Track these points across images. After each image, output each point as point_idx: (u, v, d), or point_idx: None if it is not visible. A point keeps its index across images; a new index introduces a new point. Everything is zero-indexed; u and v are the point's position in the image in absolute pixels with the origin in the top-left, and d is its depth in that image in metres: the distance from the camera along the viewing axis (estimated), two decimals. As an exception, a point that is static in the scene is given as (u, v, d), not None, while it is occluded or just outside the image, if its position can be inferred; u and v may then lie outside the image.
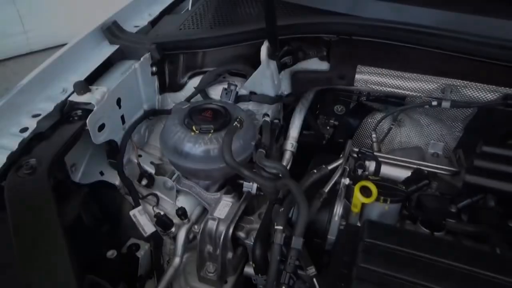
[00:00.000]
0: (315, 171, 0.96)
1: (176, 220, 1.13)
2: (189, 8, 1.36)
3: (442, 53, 1.09)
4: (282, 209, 0.88)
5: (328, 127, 1.57)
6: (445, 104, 1.21)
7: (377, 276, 0.70)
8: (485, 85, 1.15)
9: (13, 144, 0.88)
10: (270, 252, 0.93)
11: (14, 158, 0.86)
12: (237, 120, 1.04)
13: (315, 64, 1.27)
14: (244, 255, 1.10)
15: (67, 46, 1.11)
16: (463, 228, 0.88)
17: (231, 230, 1.03)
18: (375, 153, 1.10)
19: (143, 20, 1.32)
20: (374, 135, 1.35)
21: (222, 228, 1.02)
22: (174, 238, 1.12)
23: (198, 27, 1.23)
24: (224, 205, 1.09)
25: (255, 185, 1.13)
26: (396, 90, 1.26)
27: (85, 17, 1.20)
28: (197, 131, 1.03)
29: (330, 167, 0.99)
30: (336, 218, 0.91)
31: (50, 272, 0.70)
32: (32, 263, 0.70)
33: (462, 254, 0.73)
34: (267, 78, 1.12)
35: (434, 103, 1.23)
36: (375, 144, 1.33)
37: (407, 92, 1.25)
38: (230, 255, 1.06)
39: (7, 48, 4.10)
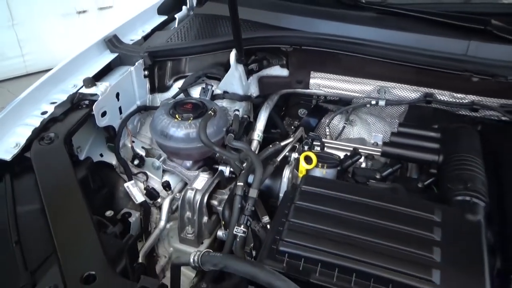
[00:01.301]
0: (270, 146, 1.24)
1: (162, 193, 1.38)
2: (176, 26, 1.66)
3: (376, 60, 1.39)
4: (243, 171, 1.14)
5: (292, 127, 1.86)
6: (381, 103, 1.52)
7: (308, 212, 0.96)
8: (409, 86, 1.46)
9: (36, 122, 1.15)
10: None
11: (37, 133, 1.12)
12: (211, 110, 1.32)
13: (277, 70, 1.58)
14: (217, 221, 1.35)
15: (77, 53, 1.39)
16: (380, 186, 1.15)
17: (205, 198, 1.28)
18: (322, 139, 1.38)
19: (137, 35, 1.61)
20: (327, 130, 1.65)
21: (198, 197, 1.27)
22: (160, 208, 1.36)
23: (182, 40, 1.52)
24: (201, 180, 1.34)
25: (228, 168, 1.40)
26: (343, 92, 1.57)
27: (79, 41, 1.45)
28: (180, 118, 1.30)
29: (282, 144, 1.27)
30: (285, 179, 1.18)
31: (70, 211, 0.94)
32: (57, 206, 0.94)
33: (369, 193, 1.00)
34: (236, 79, 1.41)
35: (373, 102, 1.53)
36: (328, 137, 1.62)
37: (351, 94, 1.56)
38: (205, 219, 1.30)
39: (5, 70, 4.40)
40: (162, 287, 0.74)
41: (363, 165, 1.40)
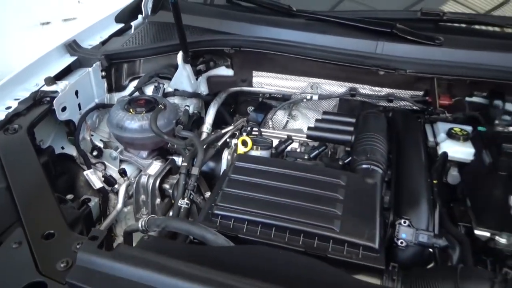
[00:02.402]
0: (212, 133, 1.43)
1: (119, 181, 1.54)
2: (132, 32, 1.84)
3: (305, 59, 1.61)
4: (187, 154, 1.33)
5: (241, 123, 2.05)
6: (315, 97, 1.75)
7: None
8: (336, 81, 1.70)
9: (1, 116, 1.29)
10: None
11: (2, 125, 1.26)
12: (162, 104, 1.50)
13: (223, 71, 1.78)
14: (169, 203, 1.51)
15: (39, 56, 1.54)
16: (304, 163, 1.36)
17: (157, 182, 1.44)
18: (259, 128, 1.59)
19: (96, 41, 1.77)
20: (270, 123, 1.86)
21: (151, 181, 1.44)
22: (117, 193, 1.52)
23: (137, 44, 1.70)
24: (154, 166, 1.51)
25: (180, 158, 1.58)
26: (282, 89, 1.79)
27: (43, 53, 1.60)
28: (133, 112, 1.47)
29: (223, 131, 1.46)
30: (224, 160, 1.37)
31: (33, 186, 1.09)
32: (21, 184, 1.08)
33: (290, 165, 1.20)
34: (185, 78, 1.60)
35: (308, 97, 1.76)
36: (270, 128, 1.83)
37: (289, 90, 1.78)
38: (158, 201, 1.47)
39: None
40: (109, 235, 0.90)
41: (298, 150, 1.61)
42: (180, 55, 1.53)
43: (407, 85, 1.61)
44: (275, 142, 1.50)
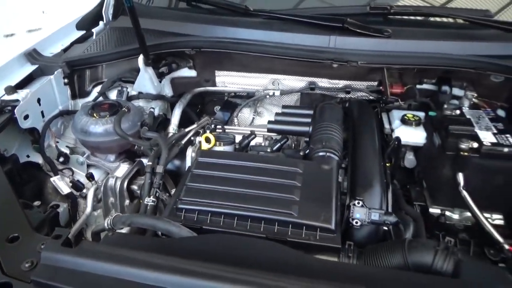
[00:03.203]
0: (176, 132, 1.47)
1: (87, 185, 1.55)
2: (93, 38, 1.86)
3: (264, 56, 1.67)
4: (152, 153, 1.36)
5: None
6: (277, 93, 1.81)
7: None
8: (296, 76, 1.76)
9: (-38, 127, 1.29)
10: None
11: (-38, 135, 1.27)
12: (125, 107, 1.52)
13: (186, 72, 1.82)
14: (138, 205, 1.53)
15: (-1, 65, 1.54)
16: (266, 155, 1.42)
17: (125, 183, 1.46)
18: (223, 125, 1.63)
19: (57, 49, 1.78)
20: (236, 121, 1.91)
21: (119, 182, 1.47)
22: (86, 198, 1.53)
23: (99, 50, 1.72)
24: (122, 169, 1.53)
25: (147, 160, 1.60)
26: (245, 87, 1.85)
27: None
28: (97, 116, 1.49)
29: (187, 130, 1.50)
30: (188, 157, 1.41)
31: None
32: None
33: (251, 157, 1.25)
34: (147, 81, 1.63)
35: (271, 93, 1.82)
36: (236, 125, 1.88)
37: (252, 87, 1.84)
38: (127, 202, 1.49)
39: None
40: (79, 239, 0.93)
41: (263, 144, 1.66)
42: (140, 59, 1.56)
43: (362, 77, 1.69)
44: (239, 138, 1.55)
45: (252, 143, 1.59)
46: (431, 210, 1.41)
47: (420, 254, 0.95)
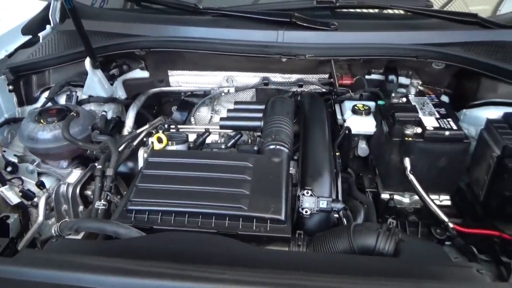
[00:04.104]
0: (127, 134, 1.45)
1: (39, 194, 1.50)
2: (40, 42, 1.80)
3: (216, 54, 1.67)
4: (102, 157, 1.34)
5: (166, 123, 2.08)
6: (232, 90, 1.81)
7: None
8: (249, 73, 1.77)
9: None
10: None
11: None
12: (74, 111, 1.49)
13: (139, 73, 1.80)
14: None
15: None
16: (220, 151, 1.42)
17: (78, 189, 1.43)
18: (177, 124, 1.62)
19: (0, 55, 1.72)
20: (193, 120, 1.90)
21: (71, 189, 1.43)
22: (37, 207, 1.49)
23: (45, 55, 1.67)
24: (74, 175, 1.49)
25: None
26: (199, 85, 1.84)
27: None
28: (45, 122, 1.45)
29: (138, 131, 1.48)
30: (140, 158, 1.39)
31: None
32: None
33: (202, 154, 1.25)
34: (96, 84, 1.60)
35: (226, 90, 1.82)
36: (193, 125, 1.87)
37: (207, 85, 1.83)
38: (81, 208, 1.46)
39: None
40: (12, 242, 0.90)
41: (219, 141, 1.66)
42: (87, 61, 1.53)
43: (313, 70, 1.73)
44: (195, 137, 1.55)
45: (209, 140, 1.59)
46: (383, 195, 1.45)
47: (364, 237, 0.98)
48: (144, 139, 1.48)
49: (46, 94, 1.66)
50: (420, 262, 0.87)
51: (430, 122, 1.36)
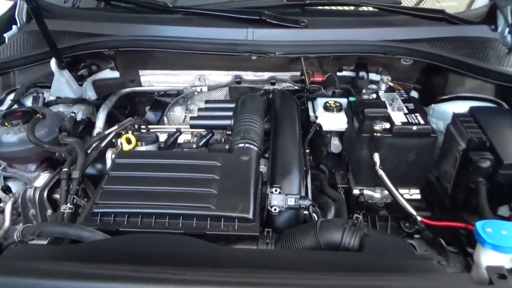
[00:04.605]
0: (95, 135, 1.43)
1: (5, 198, 1.46)
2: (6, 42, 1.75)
3: (187, 52, 1.65)
4: (68, 159, 1.31)
5: (139, 124, 2.05)
6: (204, 89, 1.80)
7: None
8: (221, 71, 1.76)
9: None
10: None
11: None
12: (40, 113, 1.45)
13: (109, 73, 1.77)
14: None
15: None
16: (190, 151, 1.41)
17: (45, 193, 1.39)
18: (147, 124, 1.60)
19: (-38, 60, 1.66)
20: (165, 119, 1.88)
21: (38, 193, 1.39)
22: (3, 212, 1.44)
23: (9, 55, 1.62)
24: (42, 178, 1.46)
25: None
26: (172, 85, 1.82)
27: None
28: (9, 125, 1.41)
29: (107, 132, 1.46)
30: (108, 160, 1.37)
31: None
32: None
33: (170, 154, 1.24)
34: (64, 85, 1.57)
35: (199, 89, 1.81)
36: (166, 124, 1.85)
37: (179, 85, 1.82)
38: (49, 212, 1.42)
39: None
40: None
41: (191, 141, 1.65)
42: (53, 62, 1.50)
43: (285, 67, 1.73)
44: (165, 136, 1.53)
45: (182, 140, 1.57)
46: (354, 191, 1.46)
47: (330, 233, 0.99)
48: (113, 140, 1.45)
49: (12, 96, 1.61)
50: (384, 255, 0.88)
51: (398, 118, 1.38)
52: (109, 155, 1.38)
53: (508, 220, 1.26)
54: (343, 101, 1.63)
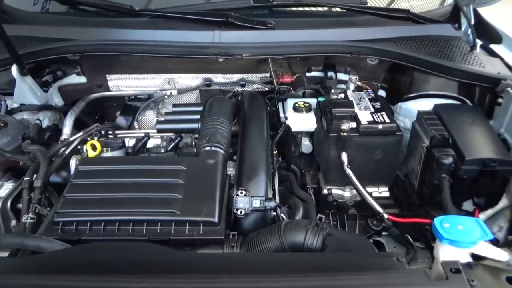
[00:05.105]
0: (59, 142, 1.40)
1: (-34, 210, 1.42)
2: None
3: (154, 56, 1.63)
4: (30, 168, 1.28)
5: (111, 130, 2.01)
6: (174, 92, 1.78)
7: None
8: (190, 74, 1.75)
9: None
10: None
11: None
12: (1, 121, 1.41)
13: (75, 79, 1.73)
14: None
15: None
16: (158, 156, 1.39)
17: (8, 203, 1.35)
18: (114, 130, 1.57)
19: None
20: (136, 124, 1.85)
21: (0, 203, 1.35)
22: (-35, 224, 1.40)
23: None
24: (5, 188, 1.42)
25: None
26: (141, 89, 1.80)
27: None
28: (-31, 134, 1.37)
29: (71, 139, 1.43)
30: (72, 167, 1.34)
31: None
32: None
33: (134, 160, 1.22)
34: (27, 91, 1.53)
35: (168, 93, 1.79)
36: (137, 129, 1.82)
37: (148, 89, 1.79)
38: (13, 223, 1.38)
39: None
40: None
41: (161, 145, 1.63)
42: (14, 68, 1.46)
43: (254, 69, 1.73)
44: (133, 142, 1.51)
45: (151, 144, 1.55)
46: (324, 191, 1.47)
47: (294, 234, 0.99)
48: (78, 146, 1.42)
49: (-27, 104, 1.57)
50: (344, 254, 0.88)
51: (365, 117, 1.39)
52: (73, 162, 1.35)
53: (472, 214, 1.29)
54: (313, 101, 1.64)
